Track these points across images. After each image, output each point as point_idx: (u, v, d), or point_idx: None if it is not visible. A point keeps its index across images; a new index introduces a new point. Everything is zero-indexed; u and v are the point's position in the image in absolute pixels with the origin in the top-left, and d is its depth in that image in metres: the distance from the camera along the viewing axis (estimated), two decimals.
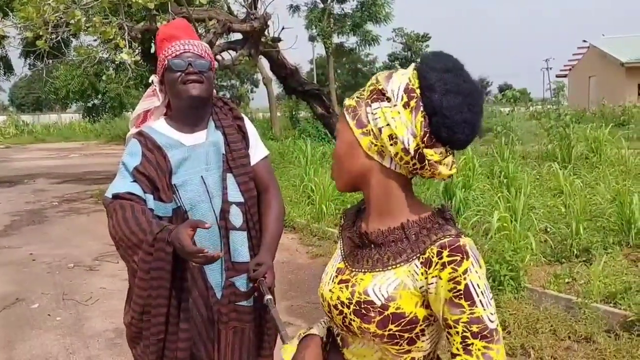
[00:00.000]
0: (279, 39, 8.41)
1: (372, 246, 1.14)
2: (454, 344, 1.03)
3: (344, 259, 1.20)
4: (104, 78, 13.24)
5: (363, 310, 1.08)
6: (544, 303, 3.71)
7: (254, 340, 1.91)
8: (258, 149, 1.99)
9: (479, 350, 1.01)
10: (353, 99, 1.13)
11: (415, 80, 1.06)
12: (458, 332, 1.02)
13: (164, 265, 1.66)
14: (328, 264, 1.26)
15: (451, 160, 1.09)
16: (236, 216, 1.87)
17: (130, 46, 6.44)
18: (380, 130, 1.06)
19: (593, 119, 13.98)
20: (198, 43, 1.88)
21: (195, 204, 1.82)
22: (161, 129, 1.88)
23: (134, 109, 2.06)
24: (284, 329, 1.56)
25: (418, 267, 1.06)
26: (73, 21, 6.06)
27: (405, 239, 1.10)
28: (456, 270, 1.02)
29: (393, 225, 1.12)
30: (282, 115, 20.52)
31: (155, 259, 1.66)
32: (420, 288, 1.06)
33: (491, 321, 1.02)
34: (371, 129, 1.08)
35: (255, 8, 7.59)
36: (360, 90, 1.14)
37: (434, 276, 1.04)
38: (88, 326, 4.15)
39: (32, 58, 12.97)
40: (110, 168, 13.25)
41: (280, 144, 12.71)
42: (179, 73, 1.82)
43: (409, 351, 1.10)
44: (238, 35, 8.09)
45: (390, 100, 1.06)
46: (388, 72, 1.11)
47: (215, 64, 1.96)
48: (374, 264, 1.12)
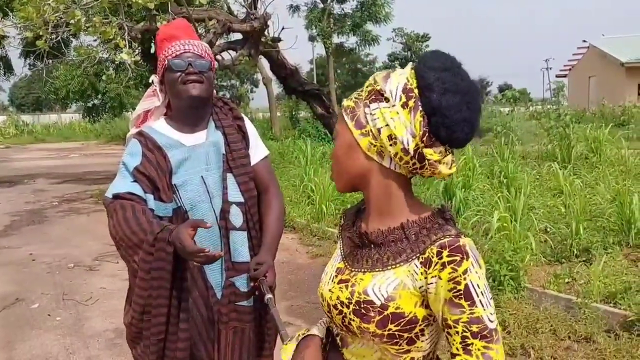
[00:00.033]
0: (279, 39, 8.40)
1: (372, 246, 1.14)
2: (453, 344, 1.03)
3: (344, 259, 1.20)
4: (104, 78, 13.22)
5: (362, 310, 1.09)
6: (544, 303, 3.71)
7: (254, 340, 1.91)
8: (258, 149, 1.99)
9: (479, 350, 1.01)
10: (351, 100, 1.13)
11: (413, 80, 1.06)
12: (458, 332, 1.02)
13: (165, 265, 1.66)
14: (328, 264, 1.26)
15: (451, 159, 1.09)
16: (236, 216, 1.87)
17: (130, 46, 6.44)
18: (379, 130, 1.06)
19: (593, 119, 13.98)
20: (198, 43, 1.88)
21: (195, 204, 1.82)
22: (161, 129, 1.88)
23: (134, 109, 2.07)
24: (283, 328, 1.56)
25: (418, 267, 1.06)
26: (73, 21, 6.05)
27: (405, 239, 1.10)
28: (456, 270, 1.02)
29: (393, 225, 1.12)
30: (282, 115, 20.52)
31: (156, 258, 1.66)
32: (419, 288, 1.06)
33: (491, 321, 1.02)
34: (370, 130, 1.08)
35: (255, 8, 7.59)
36: (358, 91, 1.14)
37: (434, 276, 1.04)
38: (88, 326, 4.15)
39: (32, 58, 12.95)
40: (110, 168, 13.25)
41: (280, 144, 12.71)
42: (179, 73, 1.82)
43: (409, 351, 1.10)
44: (238, 35, 8.08)
45: (388, 100, 1.06)
46: (385, 72, 1.11)
47: (215, 64, 1.96)
48: (373, 264, 1.12)
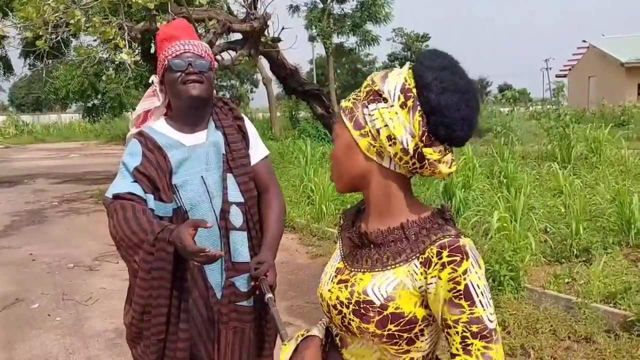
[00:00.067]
0: (278, 39, 8.40)
1: (372, 246, 1.14)
2: (453, 344, 1.04)
3: (343, 259, 1.20)
4: (104, 78, 13.22)
5: (362, 310, 1.09)
6: (543, 303, 3.72)
7: (254, 340, 1.91)
8: (258, 149, 1.99)
9: (479, 350, 1.01)
10: (349, 101, 1.13)
11: (411, 80, 1.06)
12: (458, 332, 1.02)
13: (165, 265, 1.66)
14: (327, 264, 1.26)
15: (450, 158, 1.09)
16: (236, 216, 1.87)
17: (130, 46, 6.43)
18: (378, 131, 1.06)
19: (593, 119, 13.97)
20: (198, 43, 1.88)
21: (195, 204, 1.82)
22: (161, 129, 1.88)
23: (133, 109, 2.07)
24: (283, 328, 1.55)
25: (417, 267, 1.06)
26: (73, 21, 6.05)
27: (404, 239, 1.10)
28: (456, 270, 1.02)
29: (393, 225, 1.12)
30: (282, 115, 20.52)
31: (156, 258, 1.66)
32: (419, 288, 1.06)
33: (490, 321, 1.02)
34: (369, 130, 1.08)
35: (255, 8, 7.58)
36: (356, 92, 1.13)
37: (434, 276, 1.04)
38: (88, 326, 4.15)
39: (32, 58, 12.94)
40: (110, 168, 13.25)
41: (280, 144, 12.71)
42: (179, 73, 1.82)
43: (408, 351, 1.10)
44: (238, 36, 8.08)
45: (387, 101, 1.06)
46: (383, 73, 1.11)
47: (215, 64, 1.96)
48: (373, 264, 1.12)
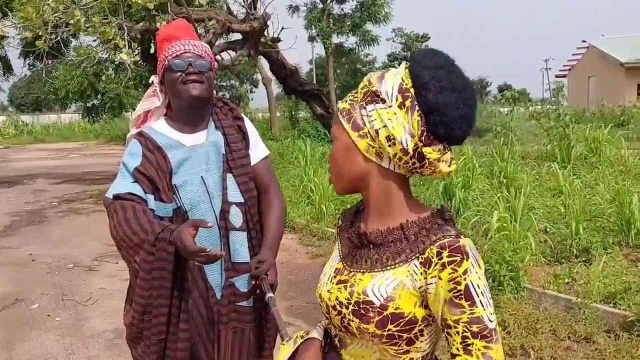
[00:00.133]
0: (278, 39, 8.40)
1: (371, 246, 1.13)
2: (453, 344, 1.03)
3: (343, 260, 1.20)
4: (104, 78, 13.21)
5: (362, 311, 1.08)
6: (543, 303, 3.72)
7: (254, 340, 1.91)
8: (258, 149, 1.99)
9: (479, 350, 1.01)
10: (346, 102, 1.12)
11: (408, 80, 1.06)
12: (458, 332, 1.02)
13: (166, 265, 1.66)
14: (326, 265, 1.26)
15: (450, 156, 1.09)
16: (236, 216, 1.87)
17: (129, 46, 6.43)
18: (377, 132, 1.06)
19: (592, 119, 13.96)
20: (198, 43, 1.88)
21: (195, 204, 1.82)
22: (161, 130, 1.88)
23: (133, 109, 2.07)
24: (284, 328, 1.55)
25: (417, 267, 1.06)
26: (72, 21, 6.04)
27: (404, 239, 1.10)
28: (456, 270, 1.02)
29: (392, 225, 1.12)
30: (282, 115, 20.52)
31: (157, 258, 1.66)
32: (419, 288, 1.06)
33: (490, 321, 1.02)
34: (368, 131, 1.07)
35: (255, 8, 7.58)
36: (353, 93, 1.13)
37: (434, 276, 1.04)
38: (88, 327, 4.15)
39: (32, 58, 12.93)
40: (109, 168, 13.26)
41: (280, 144, 12.71)
42: (179, 73, 1.82)
43: (408, 351, 1.10)
44: (237, 36, 8.08)
45: (385, 101, 1.06)
46: (380, 73, 1.11)
47: (215, 64, 1.96)
48: (372, 264, 1.12)
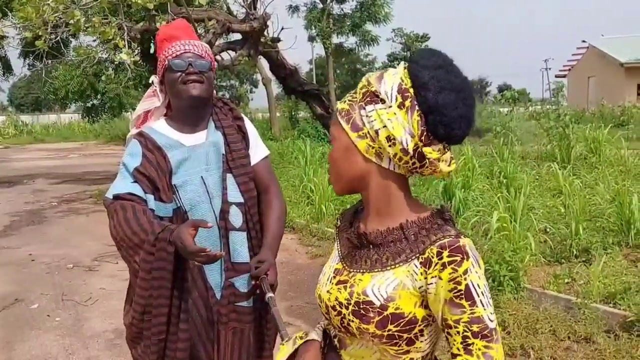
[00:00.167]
0: (278, 39, 8.40)
1: (371, 247, 1.13)
2: (454, 344, 1.03)
3: (342, 260, 1.20)
4: (103, 78, 13.20)
5: (362, 311, 1.08)
6: (543, 303, 3.72)
7: (253, 340, 1.91)
8: (258, 149, 1.99)
9: (480, 350, 1.01)
10: (345, 103, 1.12)
11: (408, 80, 1.06)
12: (459, 332, 1.02)
13: (166, 265, 1.66)
14: (325, 265, 1.26)
15: (449, 156, 1.10)
16: (236, 216, 1.87)
17: (129, 46, 6.43)
18: (377, 132, 1.06)
19: (592, 119, 13.97)
20: (198, 43, 1.88)
21: (195, 204, 1.82)
22: (161, 130, 1.88)
23: (133, 109, 2.07)
24: (284, 328, 1.55)
25: (417, 267, 1.06)
26: (72, 21, 6.05)
27: (404, 239, 1.10)
28: (456, 270, 1.02)
29: (392, 225, 1.12)
30: (282, 115, 20.52)
31: (157, 258, 1.66)
32: (419, 288, 1.06)
33: (491, 320, 1.03)
34: (367, 132, 1.07)
35: (255, 8, 7.58)
36: (352, 93, 1.13)
37: (434, 276, 1.04)
38: (87, 327, 4.15)
39: (31, 58, 12.92)
40: (109, 168, 13.26)
41: (280, 144, 12.70)
42: (179, 73, 1.82)
43: (408, 352, 1.10)
44: (237, 36, 8.08)
45: (384, 101, 1.06)
46: (378, 73, 1.11)
47: (215, 64, 1.96)
48: (372, 265, 1.12)
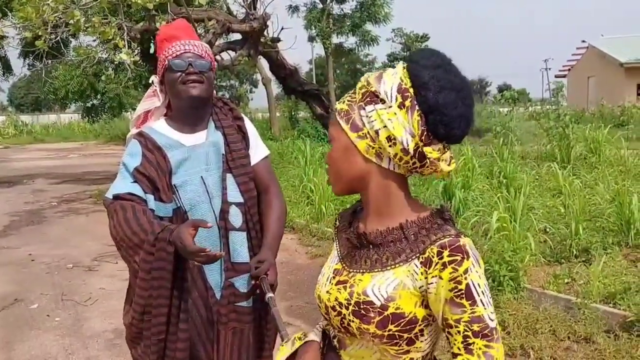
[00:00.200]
0: (278, 39, 8.40)
1: (371, 247, 1.13)
2: (455, 344, 1.03)
3: (341, 260, 1.20)
4: (103, 78, 13.20)
5: (362, 311, 1.08)
6: (543, 303, 3.72)
7: (253, 340, 1.91)
8: (258, 149, 1.99)
9: (480, 349, 1.01)
10: (344, 103, 1.12)
11: (407, 80, 1.06)
12: (459, 332, 1.02)
13: (165, 265, 1.66)
14: (324, 266, 1.26)
15: (449, 155, 1.10)
16: (236, 217, 1.87)
17: (129, 46, 6.44)
18: (377, 132, 1.06)
19: (592, 119, 13.97)
20: (198, 43, 1.88)
21: (195, 205, 1.82)
22: (161, 130, 1.88)
23: (133, 109, 2.07)
24: (284, 328, 1.55)
25: (418, 267, 1.06)
26: (72, 21, 6.05)
27: (404, 239, 1.09)
28: (457, 270, 1.02)
29: (392, 225, 1.11)
30: (282, 115, 20.51)
31: (157, 258, 1.66)
32: (419, 288, 1.06)
33: (491, 320, 1.03)
34: (367, 132, 1.07)
35: (255, 8, 7.59)
36: (350, 93, 1.13)
37: (434, 276, 1.04)
38: (87, 327, 4.15)
39: (31, 58, 12.92)
40: (109, 168, 13.25)
41: (280, 144, 12.70)
42: (179, 73, 1.82)
43: (408, 352, 1.10)
44: (237, 36, 8.09)
45: (384, 101, 1.06)
46: (377, 73, 1.10)
47: (215, 64, 1.96)
48: (372, 265, 1.11)
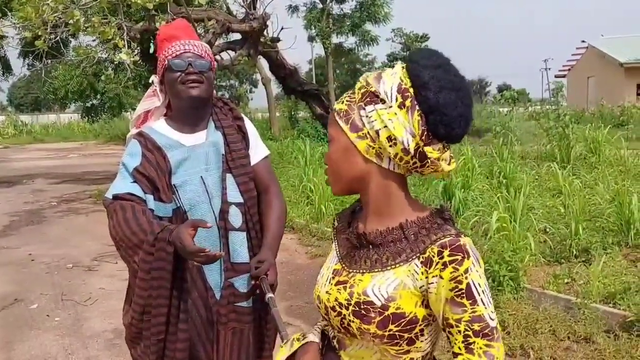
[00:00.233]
0: (278, 39, 8.41)
1: (371, 247, 1.13)
2: (455, 344, 1.04)
3: (341, 260, 1.19)
4: (103, 78, 13.22)
5: (363, 311, 1.08)
6: (543, 303, 3.71)
7: (253, 341, 1.90)
8: (258, 149, 1.99)
9: (481, 348, 1.01)
10: (343, 103, 1.12)
11: (407, 80, 1.06)
12: (460, 331, 1.02)
13: (165, 265, 1.66)
14: (323, 266, 1.25)
15: (449, 155, 1.10)
16: (235, 217, 1.86)
17: (129, 46, 6.44)
18: (377, 132, 1.06)
19: (592, 119, 13.97)
20: (198, 43, 1.88)
21: (194, 205, 1.82)
22: (161, 130, 1.88)
23: (133, 109, 2.07)
24: (284, 329, 1.54)
25: (418, 267, 1.06)
26: (72, 21, 6.06)
27: (404, 239, 1.09)
28: (457, 269, 1.02)
29: (391, 225, 1.11)
30: (281, 115, 20.51)
31: (156, 259, 1.66)
32: (420, 288, 1.06)
33: (492, 319, 1.03)
34: (367, 132, 1.07)
35: (254, 8, 7.59)
36: (349, 93, 1.13)
37: (435, 276, 1.04)
38: (87, 327, 4.15)
39: (31, 58, 12.94)
40: (109, 168, 13.24)
41: (279, 144, 12.69)
42: (179, 73, 1.82)
43: (408, 351, 1.09)
44: (237, 36, 8.10)
45: (384, 101, 1.06)
46: (376, 73, 1.10)
47: (215, 64, 1.96)
48: (372, 265, 1.11)
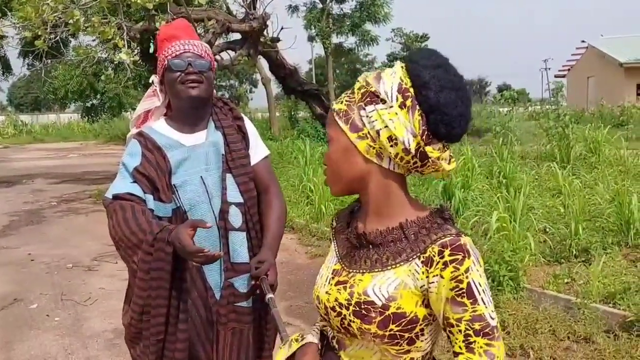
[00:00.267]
0: (277, 39, 8.42)
1: (370, 247, 1.13)
2: (456, 343, 1.04)
3: (340, 260, 1.19)
4: (103, 78, 13.23)
5: (363, 311, 1.08)
6: (543, 303, 3.71)
7: (253, 341, 1.90)
8: (258, 149, 1.98)
9: (481, 348, 1.02)
10: (342, 103, 1.11)
11: (407, 80, 1.06)
12: (460, 331, 1.02)
13: (164, 265, 1.66)
14: (322, 266, 1.25)
15: (449, 154, 1.10)
16: (235, 217, 1.86)
17: (129, 46, 6.44)
18: (378, 132, 1.06)
19: (592, 119, 13.97)
20: (198, 43, 1.87)
21: (194, 205, 1.82)
22: (161, 130, 1.88)
23: (132, 109, 2.07)
24: (284, 329, 1.54)
25: (419, 267, 1.06)
26: (72, 21, 6.06)
27: (404, 239, 1.09)
28: (458, 269, 1.02)
29: (391, 225, 1.11)
30: (281, 115, 20.49)
31: (155, 259, 1.66)
32: (421, 287, 1.06)
33: (492, 318, 1.03)
34: (368, 132, 1.07)
35: (254, 8, 7.60)
36: (348, 93, 1.12)
37: (435, 275, 1.04)
38: (87, 326, 4.15)
39: (31, 58, 12.95)
40: (108, 168, 13.24)
41: (279, 144, 12.68)
42: (179, 73, 1.81)
43: (409, 351, 1.09)
44: (237, 36, 8.10)
45: (385, 101, 1.05)
46: (375, 73, 1.10)
47: (215, 64, 1.96)
48: (372, 265, 1.11)
